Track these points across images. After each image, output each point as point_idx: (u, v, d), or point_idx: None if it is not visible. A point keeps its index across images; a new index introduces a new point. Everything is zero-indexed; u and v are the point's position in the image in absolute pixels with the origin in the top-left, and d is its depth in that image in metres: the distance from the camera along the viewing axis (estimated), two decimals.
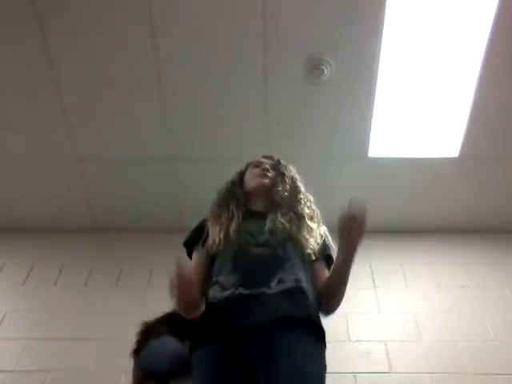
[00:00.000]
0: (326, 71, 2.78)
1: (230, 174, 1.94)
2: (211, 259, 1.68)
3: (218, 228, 1.69)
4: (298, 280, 1.53)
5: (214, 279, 1.59)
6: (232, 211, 1.75)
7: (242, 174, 1.94)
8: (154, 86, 2.88)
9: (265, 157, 1.96)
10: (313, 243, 1.66)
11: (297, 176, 1.89)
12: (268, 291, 1.48)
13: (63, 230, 3.46)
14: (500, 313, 2.94)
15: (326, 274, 1.69)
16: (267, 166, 1.87)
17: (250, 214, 1.76)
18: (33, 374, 2.54)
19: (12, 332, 2.82)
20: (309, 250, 1.65)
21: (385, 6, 2.57)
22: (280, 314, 1.44)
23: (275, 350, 1.38)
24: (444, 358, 2.67)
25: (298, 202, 1.78)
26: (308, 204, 1.80)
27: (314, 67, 2.77)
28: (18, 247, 3.37)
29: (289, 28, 2.65)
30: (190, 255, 1.79)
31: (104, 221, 3.49)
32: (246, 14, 2.61)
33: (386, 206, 3.30)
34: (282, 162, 1.92)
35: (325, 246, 1.73)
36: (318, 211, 1.81)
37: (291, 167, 1.92)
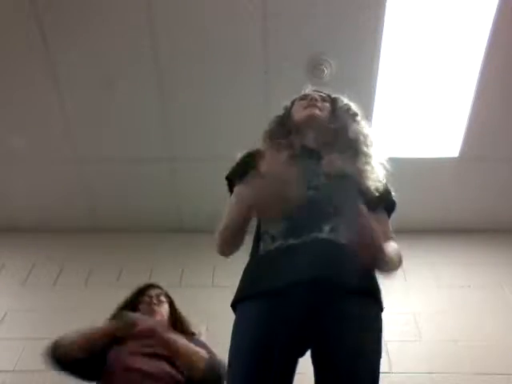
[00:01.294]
0: (326, 71, 2.77)
1: None
2: None
3: (270, 161, 1.51)
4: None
5: (264, 229, 1.47)
6: (284, 147, 1.58)
7: (288, 109, 1.76)
8: (153, 86, 2.88)
9: (310, 91, 1.76)
10: (374, 185, 1.52)
11: (350, 105, 1.72)
12: (320, 235, 1.36)
13: (63, 230, 3.47)
14: (500, 313, 2.93)
15: (387, 225, 1.58)
16: (316, 96, 1.69)
17: (303, 152, 1.58)
18: (33, 374, 2.54)
19: (12, 332, 2.82)
20: (370, 189, 1.51)
21: (385, 5, 2.57)
22: (335, 275, 1.31)
23: (327, 312, 1.29)
24: (444, 358, 2.67)
25: (353, 134, 1.62)
26: (366, 136, 1.63)
27: (314, 67, 2.77)
28: (18, 247, 3.37)
29: (289, 28, 2.65)
30: (231, 190, 1.63)
31: (104, 221, 3.49)
32: (246, 14, 2.61)
33: None
34: (331, 94, 1.75)
35: (385, 190, 1.59)
36: (377, 140, 1.64)
37: (344, 97, 1.75)
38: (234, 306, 1.43)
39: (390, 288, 3.04)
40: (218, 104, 2.95)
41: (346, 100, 1.74)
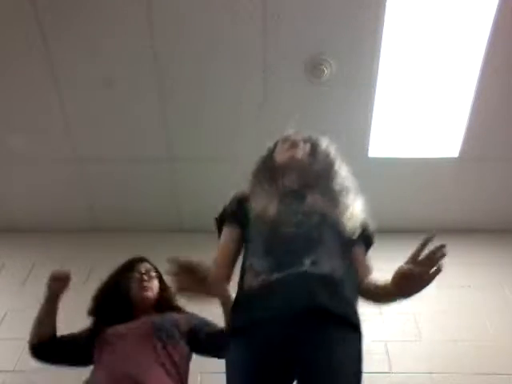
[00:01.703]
0: (326, 71, 2.77)
1: (230, 174, 1.94)
2: (243, 231, 1.62)
3: (259, 201, 1.61)
4: (334, 269, 1.46)
5: (248, 263, 1.53)
6: (266, 190, 1.67)
7: (271, 151, 1.83)
8: (153, 86, 2.88)
9: (292, 133, 1.85)
10: (352, 224, 1.59)
11: (330, 148, 1.81)
12: (302, 268, 1.43)
13: (63, 230, 3.47)
14: (500, 313, 2.93)
15: (365, 258, 1.65)
16: (297, 138, 1.78)
17: (284, 193, 1.66)
18: (33, 374, 2.54)
19: (12, 332, 2.81)
20: (348, 231, 1.58)
21: (385, 5, 2.57)
22: (316, 303, 1.38)
23: (311, 341, 1.34)
24: (444, 358, 2.67)
25: (334, 177, 1.71)
26: (344, 179, 1.72)
27: (314, 67, 2.77)
28: (18, 247, 3.37)
29: (289, 28, 2.65)
30: (219, 230, 1.71)
31: (104, 221, 3.49)
32: (246, 13, 2.61)
33: (385, 206, 3.29)
34: (312, 136, 1.84)
35: (363, 225, 1.66)
36: (354, 184, 1.73)
37: (324, 139, 1.83)
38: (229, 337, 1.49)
39: None
40: (218, 104, 2.95)
41: (326, 142, 1.83)
